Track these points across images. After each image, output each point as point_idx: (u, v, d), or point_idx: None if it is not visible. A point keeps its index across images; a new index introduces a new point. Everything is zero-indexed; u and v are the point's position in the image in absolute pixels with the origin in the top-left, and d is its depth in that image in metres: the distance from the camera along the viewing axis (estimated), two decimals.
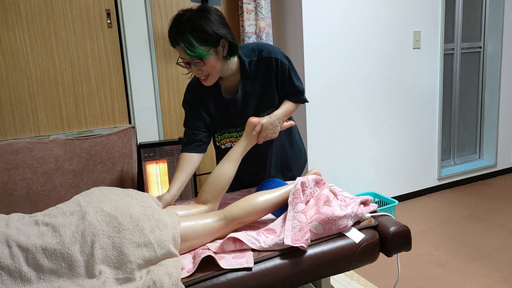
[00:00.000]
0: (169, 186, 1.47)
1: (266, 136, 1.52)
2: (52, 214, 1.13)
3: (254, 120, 1.50)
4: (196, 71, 1.43)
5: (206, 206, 1.43)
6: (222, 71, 1.48)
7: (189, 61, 1.40)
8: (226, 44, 1.43)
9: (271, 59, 1.51)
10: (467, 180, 3.63)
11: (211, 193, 1.43)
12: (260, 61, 1.52)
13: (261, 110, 1.59)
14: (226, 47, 1.43)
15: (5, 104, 2.31)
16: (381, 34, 3.00)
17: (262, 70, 1.53)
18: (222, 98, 1.57)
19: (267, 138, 1.53)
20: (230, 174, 1.46)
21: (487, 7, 3.58)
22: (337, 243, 1.27)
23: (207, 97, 1.57)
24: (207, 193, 1.43)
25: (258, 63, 1.53)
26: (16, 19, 2.28)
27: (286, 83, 1.58)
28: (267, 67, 1.52)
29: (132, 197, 1.23)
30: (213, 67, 1.42)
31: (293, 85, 1.59)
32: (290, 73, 1.56)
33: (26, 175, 1.88)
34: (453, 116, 3.65)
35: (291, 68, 1.57)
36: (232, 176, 1.47)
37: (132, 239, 1.08)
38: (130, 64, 2.54)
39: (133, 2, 2.50)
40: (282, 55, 1.55)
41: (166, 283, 1.02)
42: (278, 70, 1.53)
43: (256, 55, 1.53)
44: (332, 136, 2.94)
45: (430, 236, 2.67)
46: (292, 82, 1.58)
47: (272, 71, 1.53)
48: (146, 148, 2.40)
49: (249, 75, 1.54)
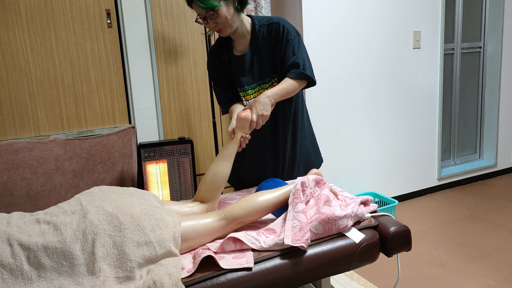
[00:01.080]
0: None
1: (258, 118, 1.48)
2: (54, 213, 1.13)
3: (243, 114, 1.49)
4: (212, 24, 1.53)
5: (206, 204, 1.43)
6: (236, 29, 1.58)
7: (205, 15, 1.50)
8: None
9: (279, 25, 1.59)
10: (467, 180, 3.63)
11: (208, 192, 1.43)
12: (269, 26, 1.61)
13: (266, 74, 1.64)
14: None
15: (5, 104, 2.31)
16: (381, 34, 3.00)
17: (270, 34, 1.61)
18: (233, 56, 1.67)
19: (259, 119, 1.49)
20: (226, 172, 1.46)
21: (487, 7, 3.58)
22: (337, 243, 1.27)
23: (223, 56, 1.68)
24: (204, 192, 1.44)
25: (267, 28, 1.61)
26: (16, 19, 2.28)
27: (288, 53, 1.58)
28: (275, 32, 1.59)
29: (134, 196, 1.23)
30: (226, 19, 1.51)
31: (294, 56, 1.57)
32: (295, 45, 1.58)
33: (26, 175, 1.89)
34: (453, 116, 3.65)
35: (298, 41, 1.59)
36: (227, 174, 1.47)
37: (132, 238, 1.08)
38: (130, 64, 2.54)
39: (133, 2, 2.50)
40: (291, 26, 1.60)
41: (166, 283, 1.02)
42: (283, 38, 1.58)
43: (267, 20, 1.63)
44: (332, 136, 2.94)
45: (430, 236, 2.67)
46: (293, 53, 1.57)
47: (279, 38, 1.59)
48: (146, 148, 2.40)
49: (258, 37, 1.62)
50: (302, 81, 1.58)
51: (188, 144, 2.48)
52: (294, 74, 1.56)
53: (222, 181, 1.45)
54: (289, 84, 1.55)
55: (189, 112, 2.79)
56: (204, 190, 1.43)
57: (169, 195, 2.49)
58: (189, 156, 2.49)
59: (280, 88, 1.53)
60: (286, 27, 1.59)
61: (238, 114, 1.50)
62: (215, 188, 1.43)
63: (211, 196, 1.43)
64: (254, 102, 1.50)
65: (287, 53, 1.58)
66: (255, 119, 1.47)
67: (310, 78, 1.58)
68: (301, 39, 1.61)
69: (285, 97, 1.56)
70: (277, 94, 1.52)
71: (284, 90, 1.53)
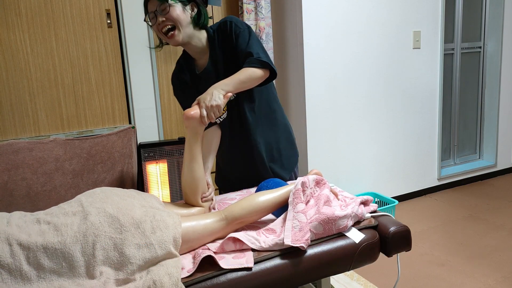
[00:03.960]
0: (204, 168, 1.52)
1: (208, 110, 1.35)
2: (54, 213, 1.13)
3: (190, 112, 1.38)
4: (160, 22, 1.44)
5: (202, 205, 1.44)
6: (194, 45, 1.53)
7: (156, 9, 1.43)
8: (195, 7, 1.50)
9: (226, 22, 1.54)
10: (467, 180, 3.63)
11: (193, 195, 1.43)
12: (219, 28, 1.56)
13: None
14: (195, 10, 1.50)
15: (5, 104, 2.31)
16: (381, 34, 3.00)
17: (221, 35, 1.55)
18: (195, 74, 1.61)
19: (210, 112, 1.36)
20: (200, 173, 1.42)
21: (487, 7, 3.58)
22: (337, 243, 1.27)
23: (185, 77, 1.63)
24: (190, 196, 1.43)
25: (218, 31, 1.56)
26: (16, 19, 2.28)
27: (241, 46, 1.51)
28: (224, 31, 1.55)
29: (135, 198, 1.23)
30: (177, 18, 1.44)
31: (247, 47, 1.50)
32: (245, 36, 1.52)
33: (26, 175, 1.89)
34: (453, 116, 3.65)
35: (249, 33, 1.52)
36: (202, 173, 1.43)
37: (133, 240, 1.08)
38: (130, 64, 2.54)
39: (133, 2, 2.50)
40: (240, 21, 1.55)
41: (166, 283, 1.02)
42: (233, 33, 1.53)
43: (217, 24, 1.57)
44: (332, 136, 2.94)
45: (430, 236, 2.67)
46: (246, 44, 1.50)
47: (229, 34, 1.54)
48: (146, 148, 2.40)
49: (214, 44, 1.56)
50: (258, 68, 1.45)
51: None
52: (248, 62, 1.45)
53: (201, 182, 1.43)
54: (242, 73, 1.43)
55: None
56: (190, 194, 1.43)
57: (169, 195, 2.49)
58: None
59: (231, 78, 1.42)
60: (234, 22, 1.53)
61: (185, 113, 1.36)
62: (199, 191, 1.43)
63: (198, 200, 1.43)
64: (200, 97, 1.38)
65: (240, 46, 1.51)
66: (205, 114, 1.35)
67: (266, 64, 1.47)
68: (252, 31, 1.54)
69: (242, 87, 1.44)
70: (228, 85, 1.39)
71: (236, 79, 1.41)
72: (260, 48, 1.51)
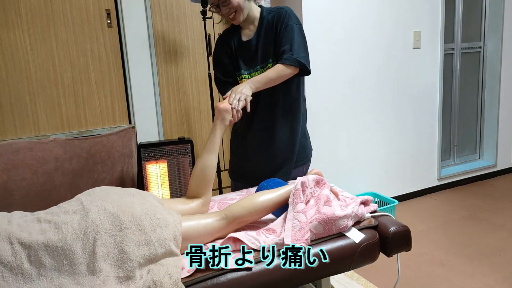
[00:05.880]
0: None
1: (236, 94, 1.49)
2: (55, 212, 1.14)
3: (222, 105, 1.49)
4: (225, 10, 1.61)
5: (201, 199, 1.43)
6: (246, 16, 1.65)
7: (217, 3, 1.59)
8: None
9: (282, 10, 1.65)
10: (467, 180, 3.63)
11: (199, 186, 1.44)
12: (275, 12, 1.67)
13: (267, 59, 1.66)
14: None
15: (5, 104, 2.31)
16: (381, 34, 3.00)
17: (273, 19, 1.66)
18: (240, 41, 1.72)
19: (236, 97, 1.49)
20: (213, 165, 1.47)
21: (487, 7, 3.58)
22: (337, 243, 1.27)
23: (232, 40, 1.74)
24: (195, 187, 1.44)
25: (273, 15, 1.67)
26: (16, 19, 2.28)
27: (285, 36, 1.60)
28: (277, 17, 1.64)
29: (134, 196, 1.23)
30: (238, 6, 1.60)
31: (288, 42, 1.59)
32: (294, 31, 1.60)
33: (26, 175, 1.89)
34: (453, 116, 3.65)
35: (298, 29, 1.62)
36: (215, 166, 1.48)
37: (133, 237, 1.09)
38: (130, 64, 2.54)
39: (133, 2, 2.50)
40: (294, 15, 1.64)
41: (166, 283, 1.02)
42: (283, 22, 1.61)
43: (275, 8, 1.69)
44: (332, 136, 2.94)
45: (430, 236, 2.67)
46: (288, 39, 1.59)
47: (280, 21, 1.63)
48: (146, 148, 2.40)
49: (264, 24, 1.67)
50: (290, 66, 1.57)
51: (188, 144, 2.48)
52: (285, 59, 1.57)
53: (211, 173, 1.46)
54: (274, 70, 1.57)
55: (189, 112, 2.79)
56: (196, 185, 1.44)
57: (169, 195, 2.50)
58: (189, 156, 2.49)
59: (263, 75, 1.57)
60: (289, 13, 1.63)
61: (217, 105, 1.50)
62: (206, 182, 1.44)
63: (203, 190, 1.44)
64: (231, 91, 1.53)
65: (285, 37, 1.60)
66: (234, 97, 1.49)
67: (299, 63, 1.57)
68: (302, 29, 1.64)
69: (271, 84, 1.57)
70: (259, 82, 1.55)
71: (266, 76, 1.56)
72: (302, 46, 1.61)
